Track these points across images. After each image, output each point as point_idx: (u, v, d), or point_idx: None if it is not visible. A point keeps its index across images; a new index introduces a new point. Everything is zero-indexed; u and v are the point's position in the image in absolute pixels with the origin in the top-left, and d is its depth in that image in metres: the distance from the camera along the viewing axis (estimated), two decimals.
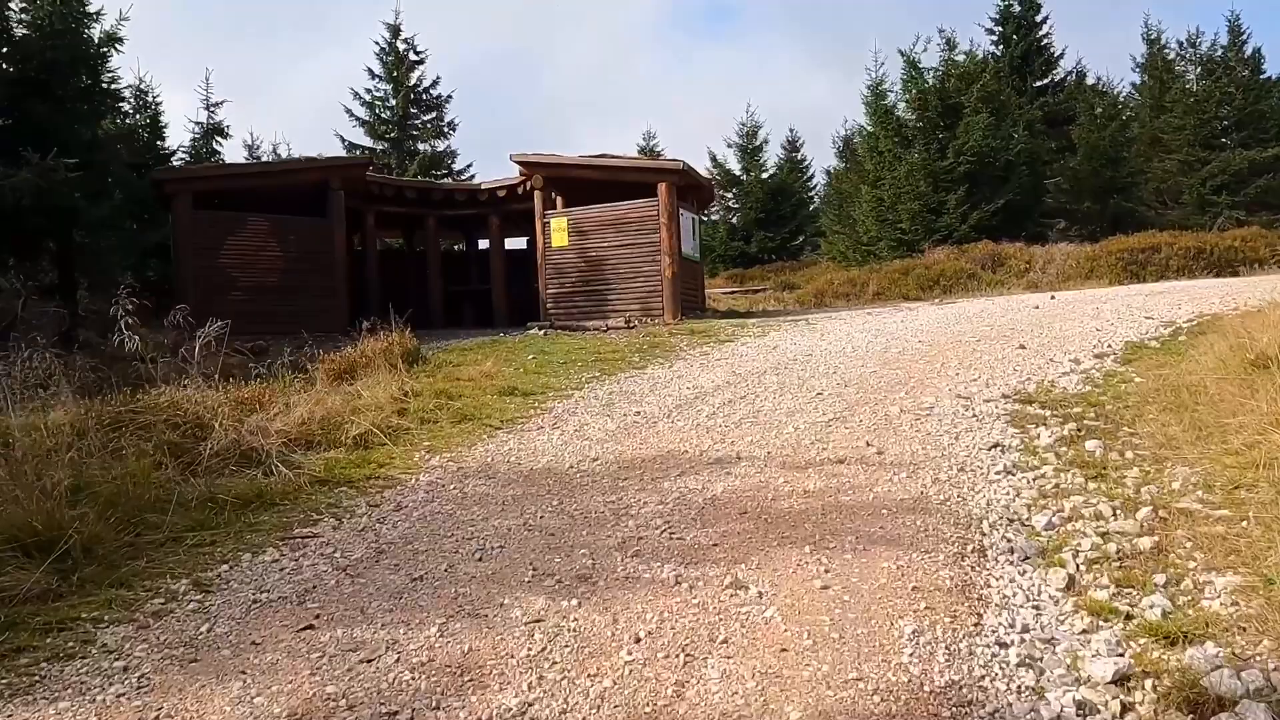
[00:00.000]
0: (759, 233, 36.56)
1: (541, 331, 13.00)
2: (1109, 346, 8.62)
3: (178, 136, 50.10)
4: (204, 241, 14.93)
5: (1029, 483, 4.56)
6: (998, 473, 4.75)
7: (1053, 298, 14.79)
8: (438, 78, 30.79)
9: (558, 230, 16.30)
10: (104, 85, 15.67)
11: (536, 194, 16.59)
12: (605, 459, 5.53)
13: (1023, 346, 8.93)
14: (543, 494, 4.86)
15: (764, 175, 37.97)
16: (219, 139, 27.47)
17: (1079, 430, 5.47)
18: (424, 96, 30.83)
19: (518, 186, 17.67)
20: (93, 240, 16.08)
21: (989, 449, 5.23)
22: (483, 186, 19.16)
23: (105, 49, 15.63)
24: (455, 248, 23.91)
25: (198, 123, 27.08)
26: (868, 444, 5.54)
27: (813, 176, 42.26)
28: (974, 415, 6.16)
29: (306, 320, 15.57)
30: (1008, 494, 4.40)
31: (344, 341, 15.32)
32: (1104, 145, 29.14)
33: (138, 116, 25.78)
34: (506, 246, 21.65)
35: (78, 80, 14.17)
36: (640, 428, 6.28)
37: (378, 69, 30.46)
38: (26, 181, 10.81)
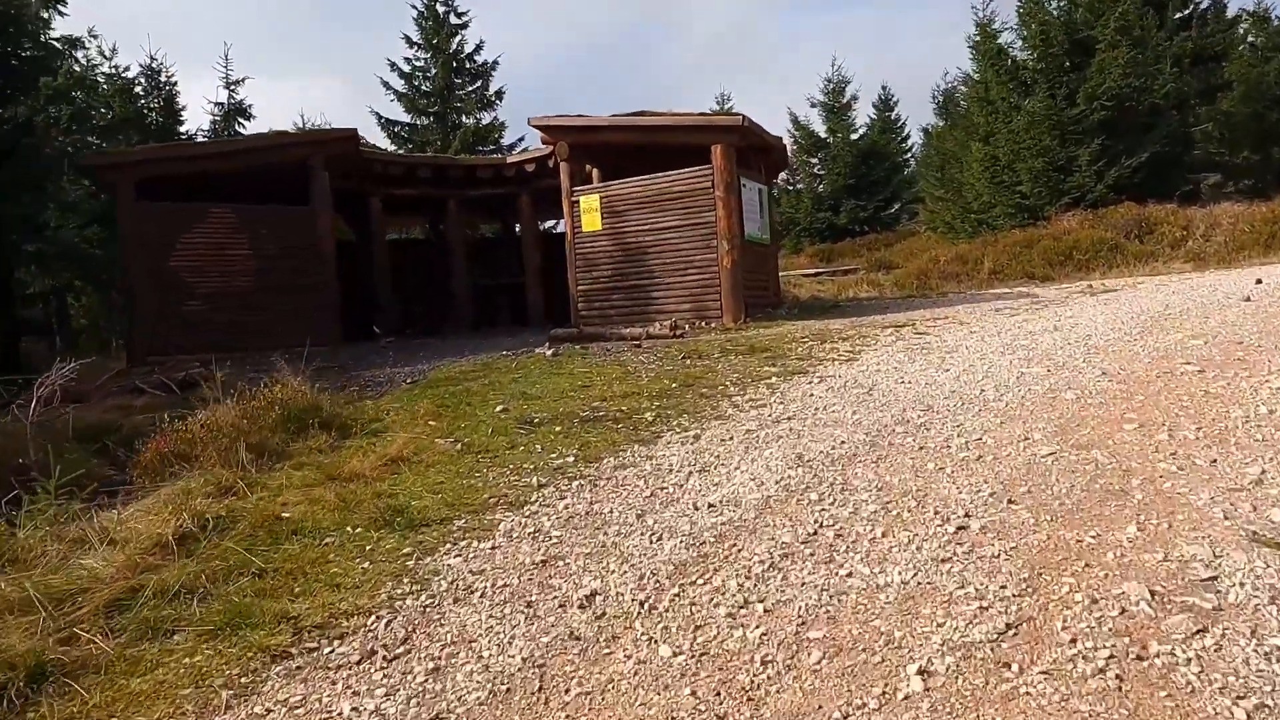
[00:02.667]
0: (848, 201, 32.44)
1: (550, 351, 9.70)
2: None
3: (197, 120, 47.86)
4: (153, 239, 12.13)
5: None
6: None
7: (1260, 282, 10.69)
8: (481, 42, 27.73)
9: (588, 211, 12.93)
10: (33, 53, 13.02)
11: (562, 166, 13.25)
12: None
13: None
14: None
15: (853, 136, 33.69)
16: (241, 121, 25.11)
17: None
18: (467, 64, 27.74)
19: (548, 158, 14.39)
20: (40, 243, 13.50)
21: None
22: (509, 160, 15.96)
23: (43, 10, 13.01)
24: (489, 234, 20.82)
25: (217, 103, 24.74)
26: None
27: (908, 136, 37.74)
28: None
29: (284, 331, 12.69)
30: None
31: (332, 359, 12.39)
32: (1268, 82, 24.04)
33: (149, 99, 23.49)
34: (543, 231, 18.51)
35: None
36: (579, 657, 2.90)
37: (415, 35, 27.50)
38: None
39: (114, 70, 23.40)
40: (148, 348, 12.04)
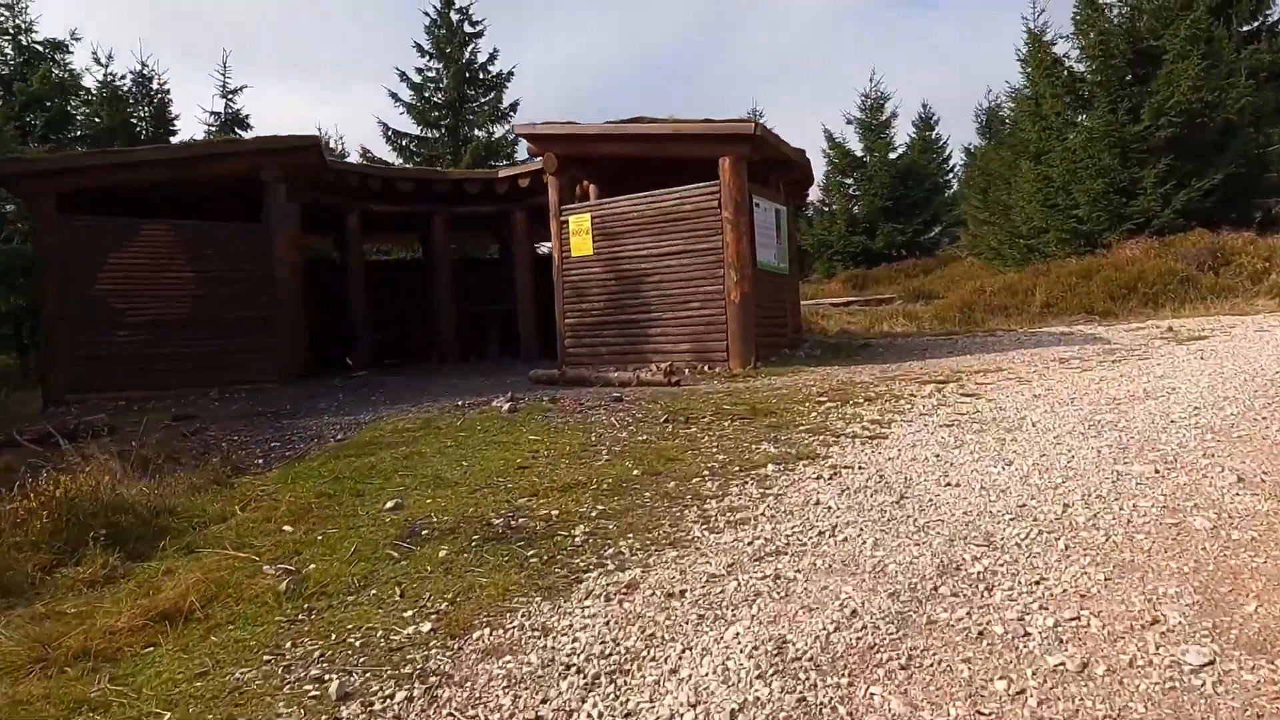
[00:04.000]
0: (885, 224, 30.45)
1: (509, 407, 7.86)
2: None
3: (191, 130, 46.62)
4: (75, 259, 10.55)
5: None
6: None
7: None
8: (495, 52, 26.24)
9: (577, 232, 11.17)
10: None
11: (550, 181, 11.52)
12: None
13: None
14: None
15: (891, 155, 31.71)
16: (239, 132, 23.79)
17: None
18: (480, 75, 26.24)
19: (543, 172, 12.65)
20: None
21: None
22: (501, 174, 14.26)
23: None
24: (491, 254, 19.16)
25: (214, 112, 23.46)
26: None
27: (950, 156, 35.67)
28: None
29: (230, 366, 11.07)
30: None
31: (270, 402, 10.68)
32: None
33: (138, 107, 22.24)
34: (541, 253, 16.81)
35: None
36: None
37: (427, 44, 26.06)
38: None
39: (107, 76, 22.25)
40: (66, 385, 10.46)
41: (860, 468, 4.99)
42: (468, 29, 26.25)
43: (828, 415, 6.67)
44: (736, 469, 5.17)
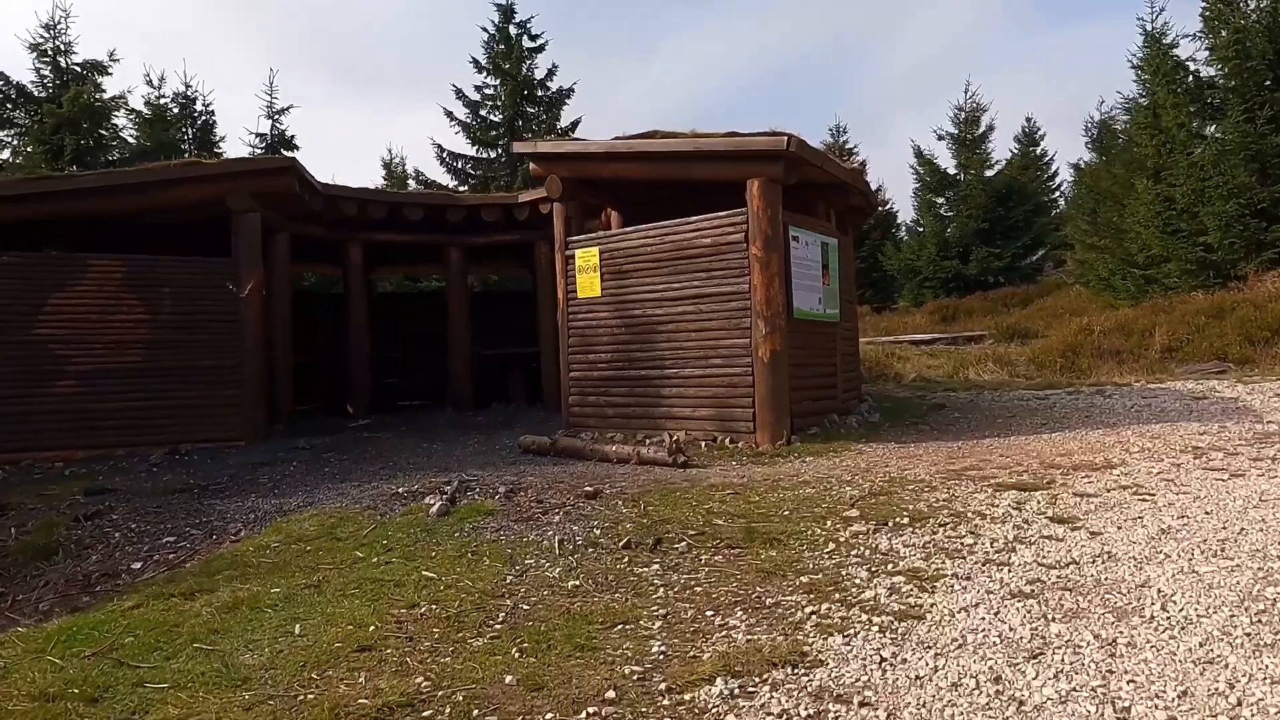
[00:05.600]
0: (980, 248, 27.70)
1: (439, 508, 5.97)
2: None
3: (236, 152, 46.69)
4: (10, 300, 9.25)
5: None
6: None
7: None
8: (554, 67, 24.73)
9: (584, 269, 9.35)
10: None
11: (555, 210, 9.75)
12: None
13: None
14: None
15: (987, 172, 28.95)
16: (284, 153, 22.89)
17: None
18: (538, 92, 24.81)
19: None
20: None
21: None
22: (521, 199, 12.54)
23: None
24: (521, 288, 17.50)
25: (259, 134, 22.62)
26: None
27: (1055, 173, 32.58)
28: None
29: (186, 422, 9.62)
30: None
31: (210, 470, 9.05)
32: None
33: (180, 127, 21.52)
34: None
35: None
36: None
37: (483, 59, 24.78)
38: None
39: (159, 98, 21.65)
40: None
41: (863, 703, 2.95)
42: (527, 43, 24.88)
43: (849, 552, 4.60)
44: (661, 688, 3.18)
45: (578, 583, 4.42)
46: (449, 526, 5.65)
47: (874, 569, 4.29)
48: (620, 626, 3.80)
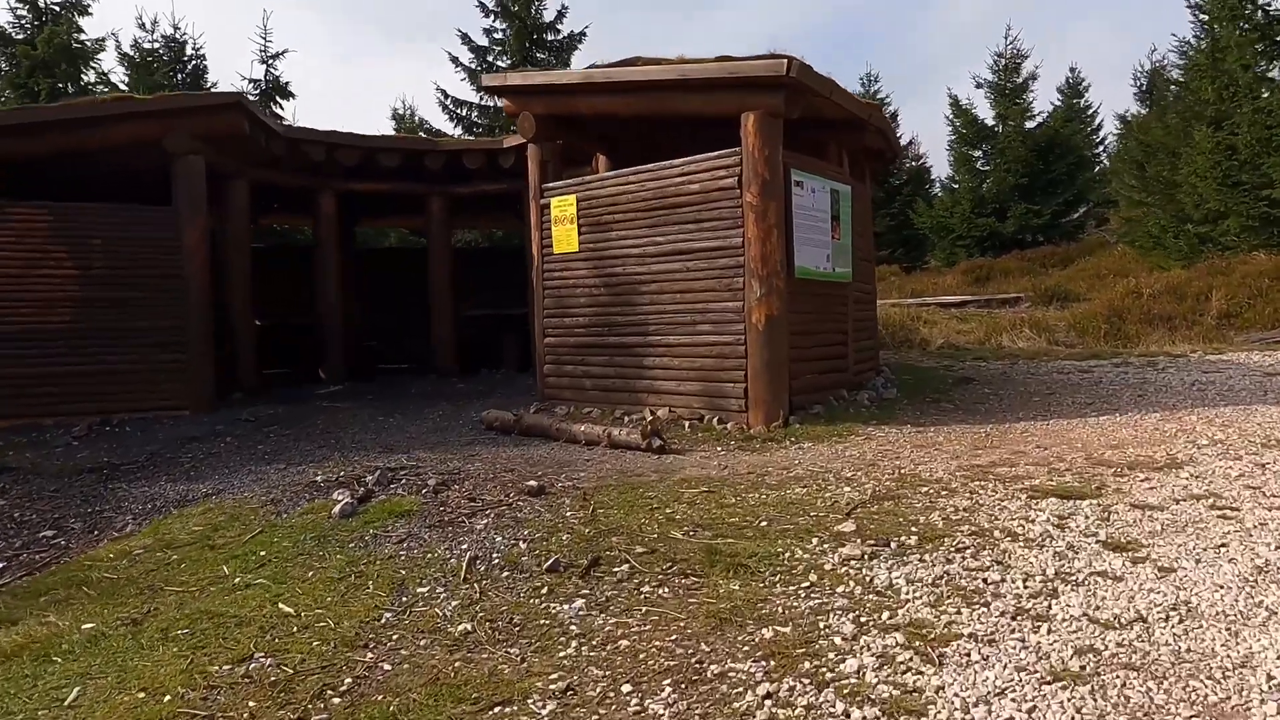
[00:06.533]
0: (1018, 205, 26.02)
1: (342, 507, 4.81)
2: None
3: None
4: None
5: None
6: None
7: None
8: (563, 8, 23.25)
9: (560, 220, 8.19)
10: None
11: (530, 152, 8.58)
12: None
13: None
14: None
15: (1028, 124, 27.14)
16: (279, 101, 21.79)
17: None
18: (547, 36, 23.41)
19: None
20: None
21: None
22: (506, 145, 11.35)
23: None
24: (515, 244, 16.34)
25: (253, 80, 21.49)
26: None
27: (1099, 127, 30.59)
28: None
29: (123, 389, 8.65)
30: None
31: (151, 447, 7.97)
32: None
33: (164, 72, 20.43)
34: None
35: None
36: None
37: (491, 2, 23.38)
38: None
39: (145, 41, 20.59)
40: None
41: None
42: None
43: (834, 588, 3.47)
44: None
45: (470, 627, 3.33)
46: (347, 533, 4.59)
47: (863, 620, 3.16)
48: (498, 710, 2.70)
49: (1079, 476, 4.87)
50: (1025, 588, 3.36)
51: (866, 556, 3.77)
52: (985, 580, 3.45)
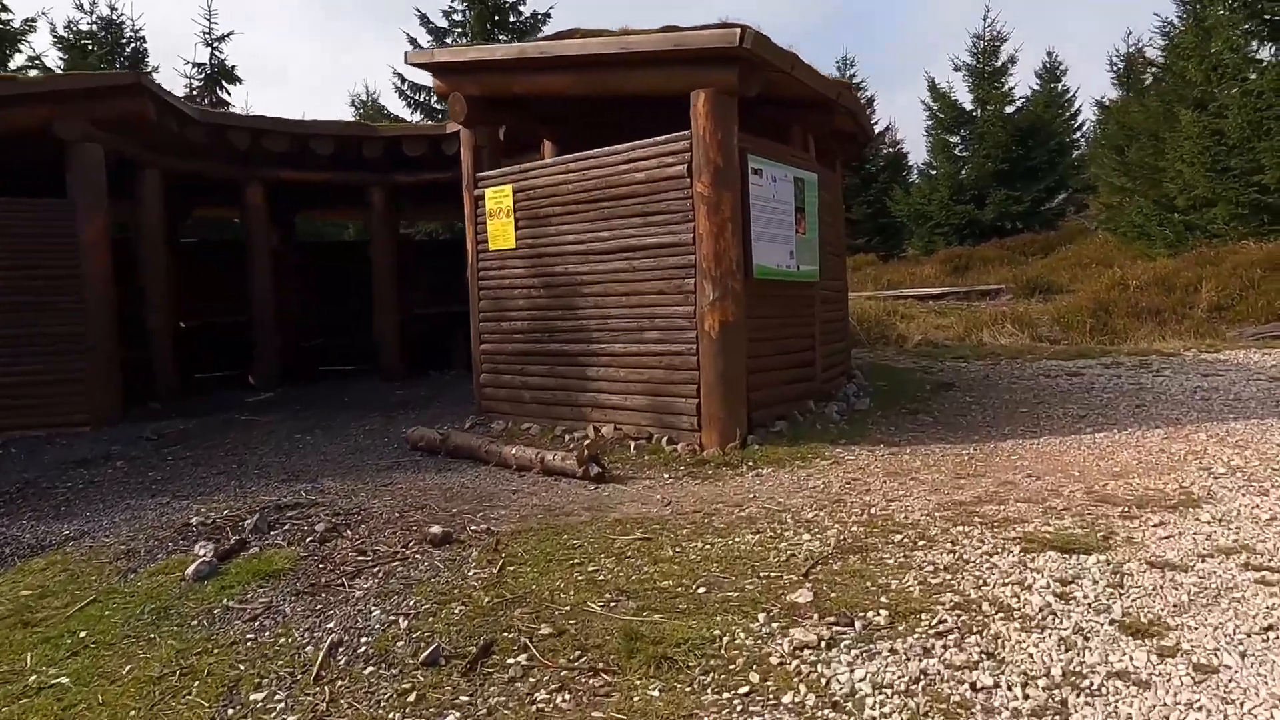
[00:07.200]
0: (997, 191, 25.38)
1: (197, 567, 3.98)
2: None
3: (171, 84, 42.78)
4: None
5: None
6: None
7: None
8: None
9: (496, 213, 7.34)
10: None
11: (463, 137, 7.73)
12: None
13: None
14: None
15: (1007, 108, 26.47)
16: (226, 86, 20.72)
17: None
18: (510, 18, 22.45)
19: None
20: None
21: None
22: (449, 130, 10.45)
23: None
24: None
25: (197, 64, 20.42)
26: None
27: (1078, 112, 29.94)
28: None
29: (14, 403, 7.76)
30: None
31: (22, 474, 6.89)
32: None
33: (106, 55, 19.32)
34: None
35: None
36: None
37: None
38: None
39: (83, 22, 19.47)
40: None
41: None
42: None
43: (782, 695, 2.69)
44: None
45: None
46: (195, 603, 3.76)
47: None
48: None
49: (1080, 519, 4.10)
50: (1026, 698, 2.58)
51: (824, 644, 2.98)
52: (973, 686, 2.67)
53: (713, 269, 5.91)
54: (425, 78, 22.33)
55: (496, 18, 22.41)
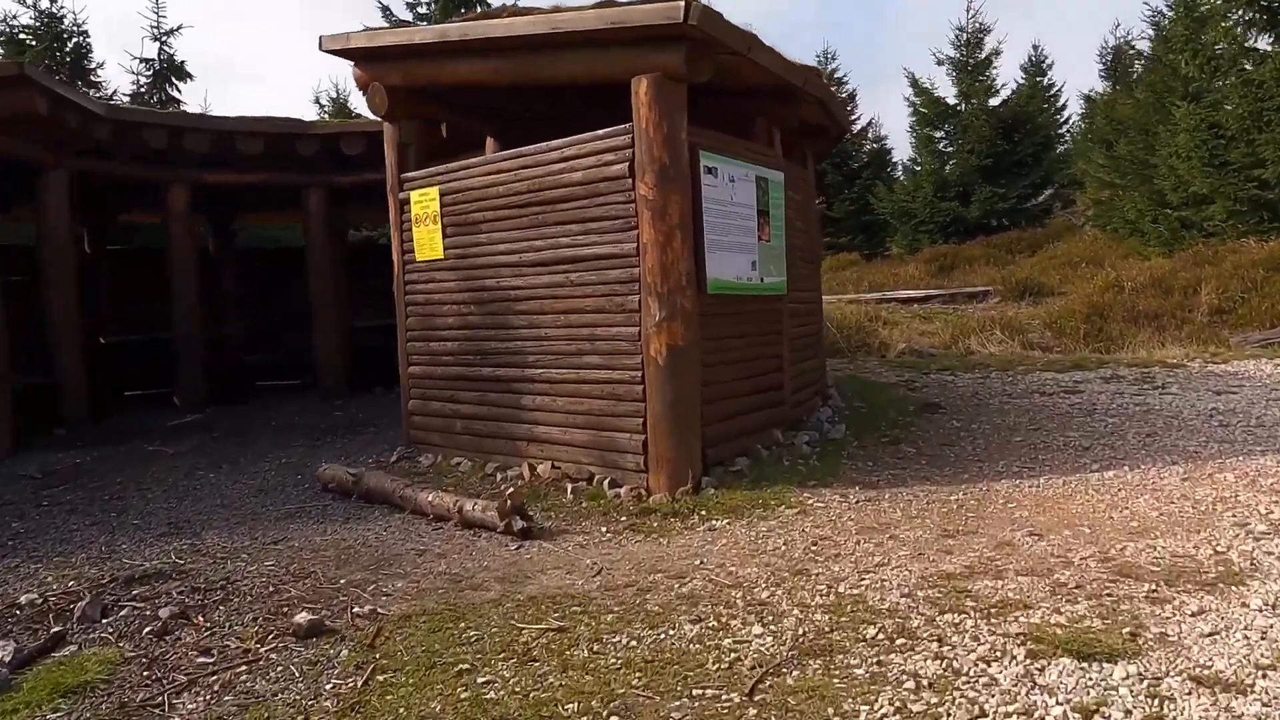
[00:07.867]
0: (982, 188, 24.63)
1: (44, 653, 3.23)
2: None
3: (117, 81, 40.51)
4: None
5: None
6: None
7: None
8: None
9: (422, 219, 6.48)
10: None
11: (386, 132, 6.86)
12: None
13: None
14: None
15: (991, 101, 25.73)
16: (175, 83, 19.73)
17: None
18: (478, 7, 21.48)
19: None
20: None
21: None
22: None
23: None
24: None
25: (144, 59, 19.43)
26: None
27: (1064, 106, 29.22)
28: None
29: None
30: None
31: None
32: None
33: (46, 50, 18.29)
34: None
35: None
36: None
37: None
38: None
39: (21, 16, 18.46)
40: None
41: None
42: None
43: None
44: None
45: None
46: None
47: None
48: None
49: (1098, 604, 3.28)
50: None
51: None
52: None
53: (659, 284, 5.07)
54: None
55: (464, 10, 21.45)
